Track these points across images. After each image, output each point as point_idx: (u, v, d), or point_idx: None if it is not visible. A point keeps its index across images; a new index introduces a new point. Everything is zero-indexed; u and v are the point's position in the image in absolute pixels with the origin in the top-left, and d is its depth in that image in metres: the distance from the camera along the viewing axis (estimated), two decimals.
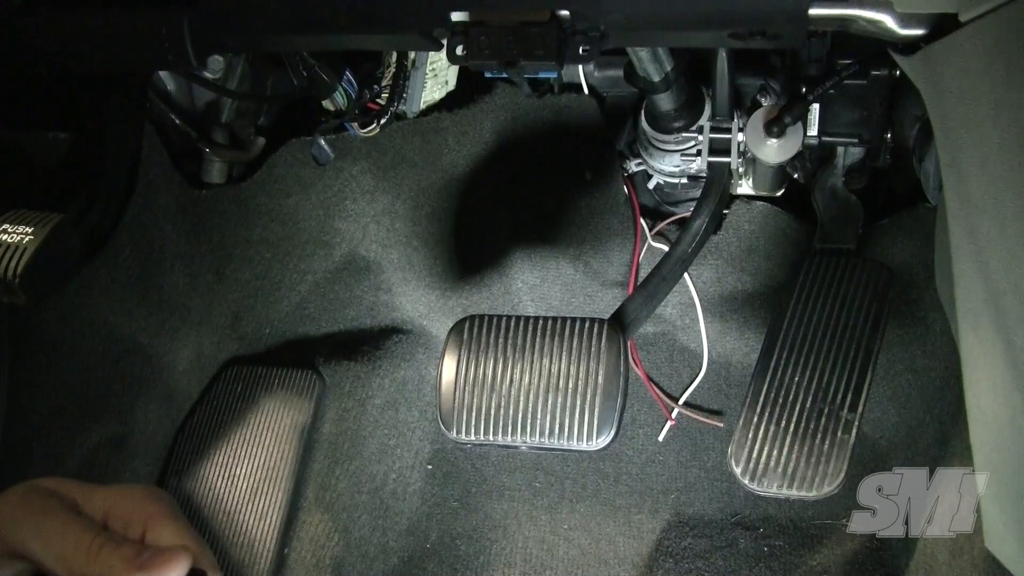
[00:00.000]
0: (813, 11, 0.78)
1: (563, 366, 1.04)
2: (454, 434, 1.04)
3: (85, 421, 1.34)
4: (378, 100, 1.48)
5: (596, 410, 1.01)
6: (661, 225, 1.46)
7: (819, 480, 1.06)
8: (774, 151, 1.19)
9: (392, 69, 1.46)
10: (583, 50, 0.82)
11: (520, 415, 1.03)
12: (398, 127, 1.53)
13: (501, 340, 1.07)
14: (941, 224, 0.94)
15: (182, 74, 1.43)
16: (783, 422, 1.10)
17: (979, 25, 0.69)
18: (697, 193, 1.33)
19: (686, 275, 1.39)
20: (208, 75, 1.42)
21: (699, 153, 1.28)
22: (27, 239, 1.05)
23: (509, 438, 1.03)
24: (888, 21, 0.78)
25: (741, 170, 1.37)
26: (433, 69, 1.52)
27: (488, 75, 1.50)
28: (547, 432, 1.02)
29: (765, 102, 1.28)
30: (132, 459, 1.41)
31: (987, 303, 0.75)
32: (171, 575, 0.50)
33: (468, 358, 1.06)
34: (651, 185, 1.47)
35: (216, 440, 1.47)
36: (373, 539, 1.40)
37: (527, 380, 1.04)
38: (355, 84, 1.44)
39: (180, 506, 0.57)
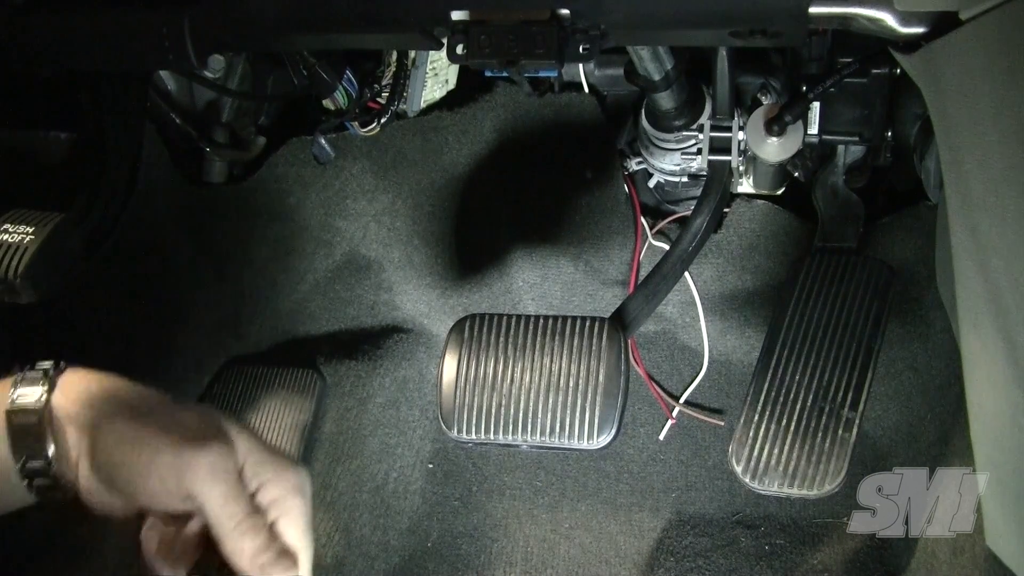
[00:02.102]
0: (813, 9, 0.78)
1: (564, 365, 1.04)
2: (455, 433, 1.04)
3: None
4: (378, 99, 1.48)
5: (597, 409, 1.01)
6: (662, 224, 1.46)
7: (820, 479, 1.06)
8: (775, 149, 1.19)
9: (392, 68, 1.46)
10: (583, 49, 0.82)
11: (521, 414, 1.03)
12: (398, 126, 1.53)
13: (502, 339, 1.07)
14: (942, 222, 0.94)
15: (182, 74, 1.43)
16: (784, 421, 1.10)
17: (980, 23, 0.69)
18: (698, 192, 1.33)
19: (687, 274, 1.39)
20: (208, 74, 1.42)
21: (699, 152, 1.28)
22: (28, 239, 1.06)
23: (510, 437, 1.03)
24: (888, 19, 0.78)
25: (742, 168, 1.37)
26: (433, 68, 1.52)
27: (488, 74, 1.50)
28: (548, 431, 1.02)
29: (766, 100, 1.28)
30: None
31: (988, 301, 0.75)
32: None
33: (469, 357, 1.06)
34: (652, 184, 1.47)
35: None
36: (374, 538, 1.40)
37: (528, 379, 1.04)
38: (355, 83, 1.44)
39: None
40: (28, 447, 0.67)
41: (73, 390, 0.68)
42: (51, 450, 0.66)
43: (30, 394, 0.68)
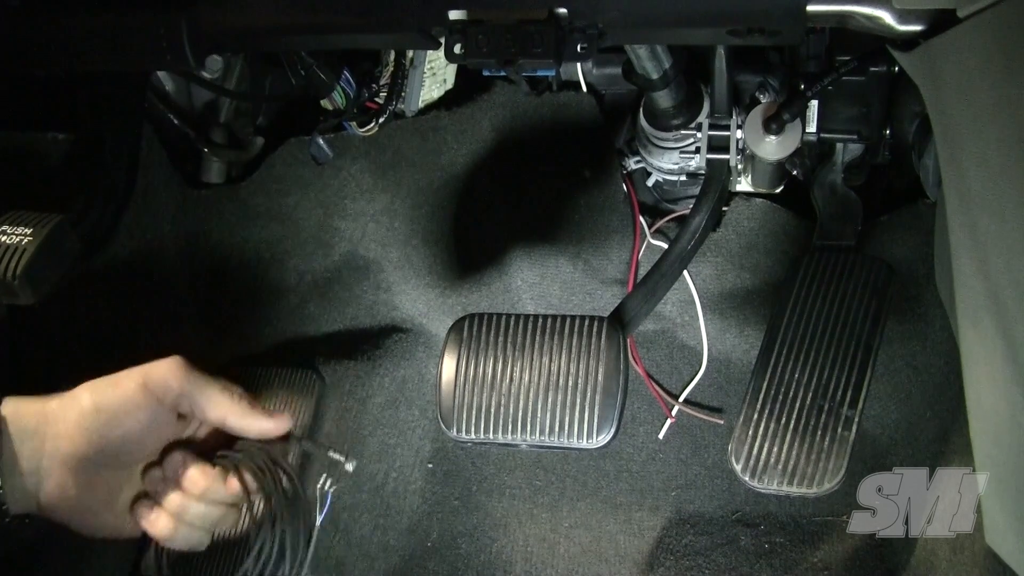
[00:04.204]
0: (811, 7, 0.78)
1: (563, 364, 1.04)
2: (454, 432, 1.04)
3: None
4: (376, 99, 1.48)
5: (596, 408, 1.01)
6: (660, 222, 1.46)
7: (820, 477, 1.06)
8: (773, 148, 1.19)
9: (390, 68, 1.46)
10: (581, 48, 0.82)
11: (520, 413, 1.03)
12: (397, 126, 1.53)
13: (501, 338, 1.07)
14: (940, 220, 0.94)
15: (180, 74, 1.43)
16: (783, 419, 1.10)
17: (977, 20, 0.69)
18: (696, 190, 1.33)
19: (685, 272, 1.39)
20: (206, 75, 1.42)
21: (698, 150, 1.28)
22: (27, 240, 1.06)
23: (509, 436, 1.03)
24: (886, 17, 0.78)
25: (740, 167, 1.36)
26: (431, 67, 1.52)
27: (486, 73, 1.49)
28: (547, 430, 1.02)
29: (764, 99, 1.28)
30: None
31: (987, 299, 0.75)
32: (287, 427, 0.86)
33: (468, 356, 1.06)
34: (650, 183, 1.47)
35: None
36: (374, 538, 1.40)
37: (527, 378, 1.04)
38: (353, 83, 1.44)
39: None
40: None
41: (21, 411, 0.76)
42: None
43: None
